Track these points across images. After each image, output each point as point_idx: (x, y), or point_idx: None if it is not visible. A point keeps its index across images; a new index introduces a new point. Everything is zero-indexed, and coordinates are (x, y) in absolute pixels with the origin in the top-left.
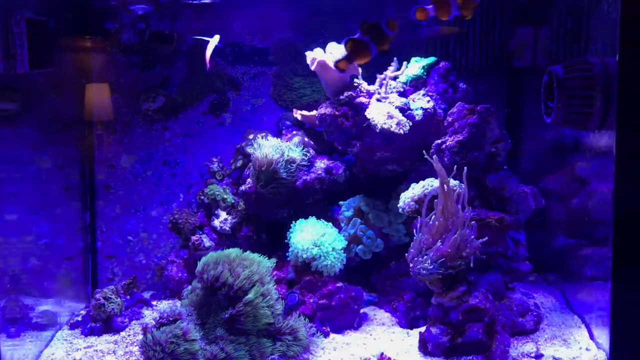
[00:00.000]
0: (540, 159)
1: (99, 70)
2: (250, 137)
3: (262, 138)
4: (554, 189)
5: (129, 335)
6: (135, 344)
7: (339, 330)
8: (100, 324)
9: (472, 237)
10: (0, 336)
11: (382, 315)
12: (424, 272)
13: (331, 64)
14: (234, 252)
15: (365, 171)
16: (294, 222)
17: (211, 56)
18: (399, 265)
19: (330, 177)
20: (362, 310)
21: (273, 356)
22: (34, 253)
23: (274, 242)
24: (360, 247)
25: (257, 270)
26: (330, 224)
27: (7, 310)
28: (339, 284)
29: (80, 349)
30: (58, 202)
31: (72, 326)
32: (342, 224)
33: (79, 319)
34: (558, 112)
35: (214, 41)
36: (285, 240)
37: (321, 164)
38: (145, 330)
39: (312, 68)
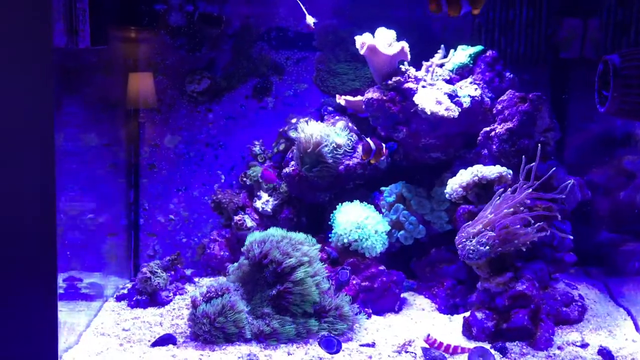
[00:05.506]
0: (585, 151)
1: (145, 51)
2: (293, 121)
3: (306, 122)
4: (599, 182)
5: (173, 309)
6: (180, 317)
7: (379, 312)
8: (146, 297)
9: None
10: (63, 304)
11: (422, 300)
12: (473, 254)
13: (381, 49)
14: (280, 230)
15: (408, 158)
16: (335, 205)
17: None
18: (440, 253)
19: None
20: (401, 295)
21: (324, 333)
22: (80, 227)
23: (314, 225)
24: (402, 232)
25: (304, 249)
26: (373, 207)
27: (66, 281)
28: (381, 267)
29: (128, 320)
30: (104, 178)
31: (119, 298)
32: (384, 210)
33: (125, 291)
34: (613, 102)
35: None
36: (329, 223)
37: None
38: (194, 302)
39: (362, 52)
